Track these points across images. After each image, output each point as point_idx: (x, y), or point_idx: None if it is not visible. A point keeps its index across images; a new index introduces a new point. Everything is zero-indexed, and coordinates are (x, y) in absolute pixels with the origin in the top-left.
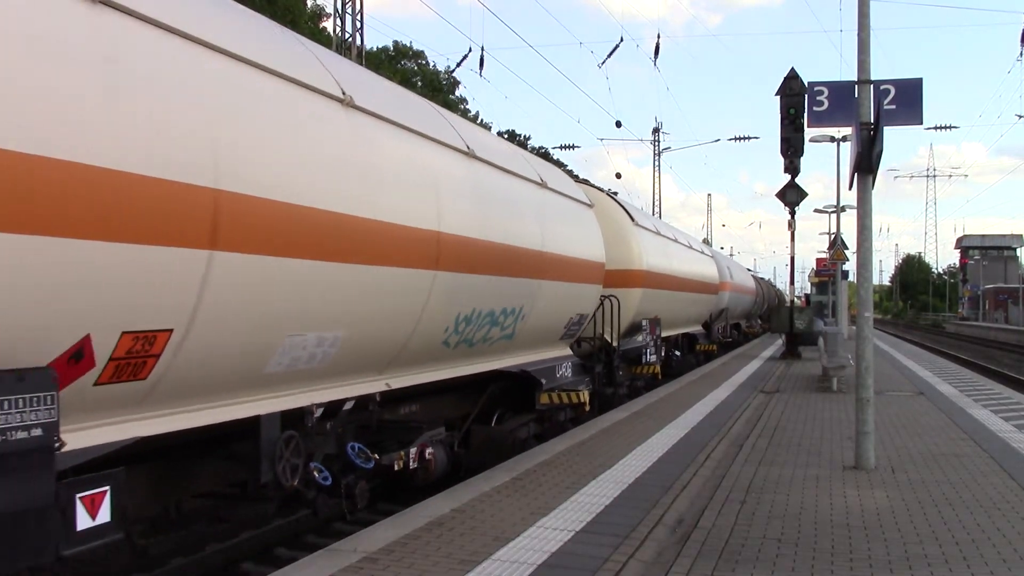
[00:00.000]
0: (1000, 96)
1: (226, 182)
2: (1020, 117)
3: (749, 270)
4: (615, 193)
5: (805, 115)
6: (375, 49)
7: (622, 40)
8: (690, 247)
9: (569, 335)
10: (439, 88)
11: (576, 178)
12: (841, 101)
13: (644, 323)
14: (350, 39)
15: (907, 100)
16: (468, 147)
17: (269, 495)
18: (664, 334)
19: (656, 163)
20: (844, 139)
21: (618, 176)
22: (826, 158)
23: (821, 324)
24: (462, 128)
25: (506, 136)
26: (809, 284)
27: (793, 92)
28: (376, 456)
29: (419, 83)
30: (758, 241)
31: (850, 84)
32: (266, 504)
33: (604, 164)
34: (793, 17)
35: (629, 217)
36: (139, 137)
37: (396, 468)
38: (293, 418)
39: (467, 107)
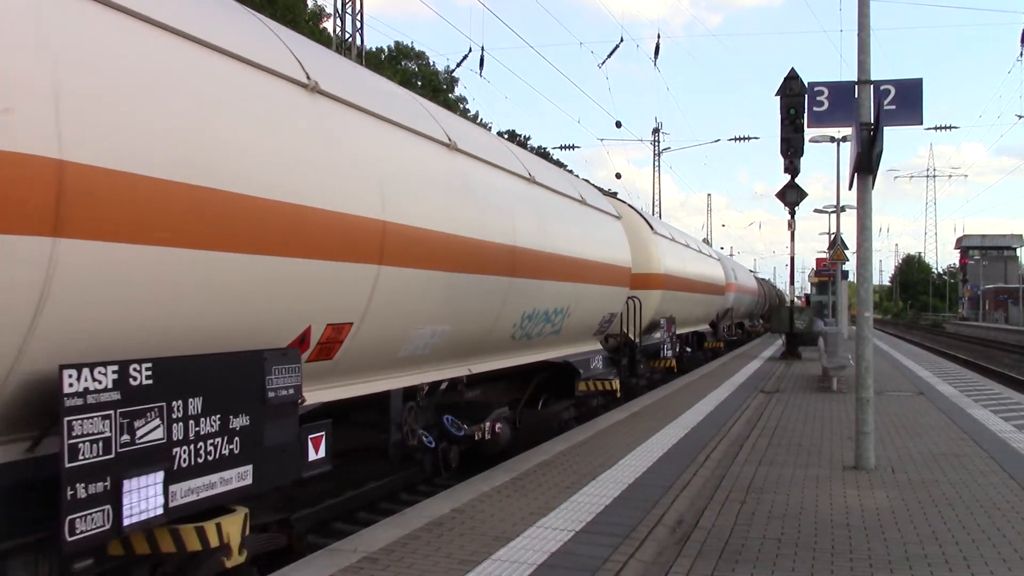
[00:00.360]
0: (1000, 96)
1: (389, 213)
2: (1020, 117)
3: (751, 271)
4: (615, 194)
5: (805, 115)
6: (375, 49)
7: (622, 40)
8: (700, 251)
9: (601, 331)
10: (439, 88)
11: (602, 191)
12: (841, 101)
13: (662, 321)
14: (350, 39)
15: (907, 100)
16: (529, 174)
17: (392, 452)
18: (678, 332)
19: (656, 163)
20: (844, 139)
21: (618, 176)
22: (826, 158)
23: (821, 324)
24: (523, 157)
25: (506, 136)
26: (809, 284)
27: (793, 92)
28: (465, 427)
29: (419, 83)
30: (758, 241)
31: (850, 84)
32: (389, 461)
33: (604, 164)
34: (793, 17)
35: (649, 226)
36: (347, 187)
37: (476, 438)
38: (407, 394)
39: (467, 107)
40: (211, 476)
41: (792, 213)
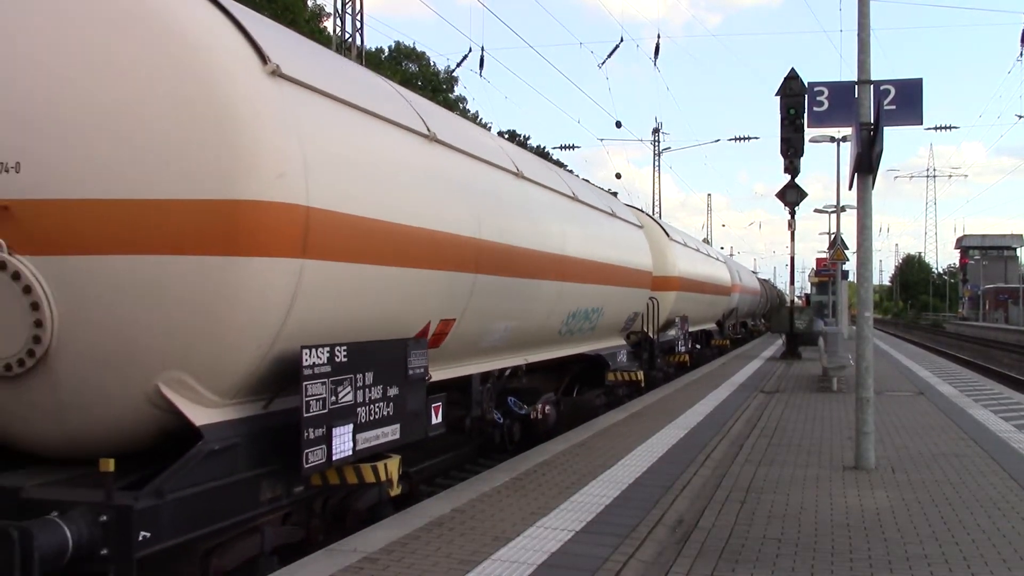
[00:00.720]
0: (1000, 96)
1: (484, 234)
2: (1020, 117)
3: (754, 272)
4: (615, 193)
5: (805, 115)
6: (374, 49)
7: (622, 40)
8: (708, 255)
9: (625, 328)
10: (439, 88)
11: (603, 191)
12: (841, 101)
13: (677, 320)
14: (350, 39)
15: (907, 100)
16: (573, 193)
17: (471, 426)
18: (690, 330)
19: (656, 163)
20: (844, 139)
21: (618, 176)
22: (826, 158)
23: (821, 324)
24: (567, 178)
25: (507, 136)
26: (809, 284)
27: (793, 92)
28: (524, 407)
29: (420, 84)
30: (758, 241)
31: (850, 84)
32: (467, 434)
33: (604, 164)
34: (792, 17)
35: (666, 234)
36: (457, 213)
37: (532, 417)
38: (483, 378)
39: (467, 107)
40: (377, 430)
41: (792, 213)
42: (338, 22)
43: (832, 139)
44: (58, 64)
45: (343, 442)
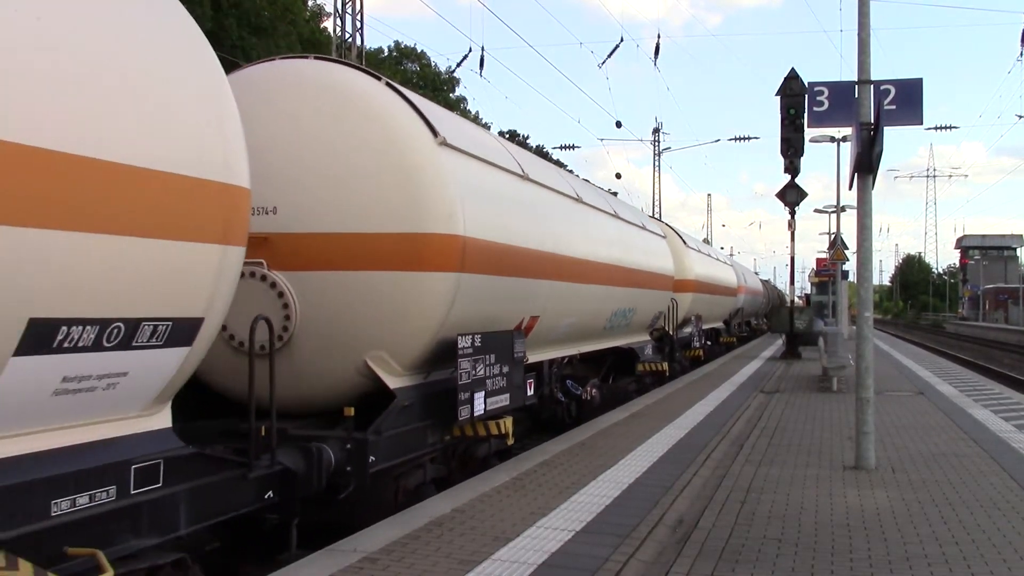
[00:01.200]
0: (1000, 96)
1: (559, 248)
2: (1020, 117)
3: (756, 274)
4: (615, 193)
5: (805, 115)
6: (373, 49)
7: (622, 40)
8: (717, 259)
9: (651, 326)
10: (439, 88)
11: (604, 190)
12: (841, 101)
13: (692, 319)
14: (350, 39)
15: (907, 100)
16: (615, 211)
17: (539, 404)
18: (705, 327)
19: (656, 163)
20: (844, 139)
21: (618, 176)
22: (826, 158)
23: (821, 324)
24: (609, 199)
25: (507, 136)
26: (809, 284)
27: (793, 92)
28: (579, 388)
29: (421, 84)
30: (758, 241)
31: (850, 84)
32: (539, 408)
33: (604, 164)
34: (792, 17)
35: (683, 242)
36: (542, 231)
37: (584, 397)
38: (550, 364)
39: (467, 107)
40: (497, 396)
41: (792, 213)
42: (338, 22)
43: (832, 139)
44: (299, 140)
45: (479, 403)
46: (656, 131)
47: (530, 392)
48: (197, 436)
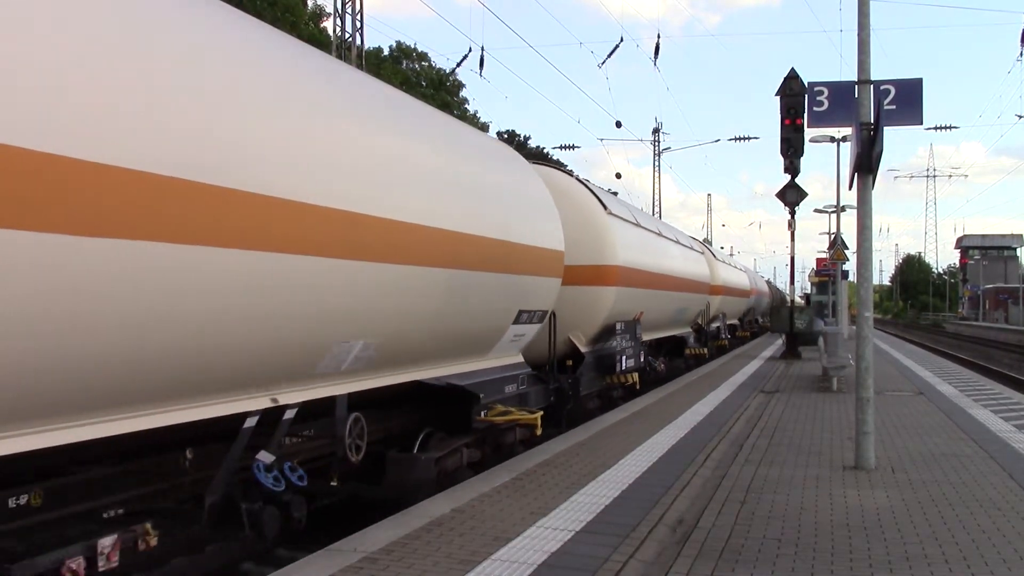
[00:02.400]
0: (1000, 96)
1: (653, 268)
2: (1020, 117)
3: (763, 277)
4: (615, 193)
5: (805, 115)
6: (373, 48)
7: (622, 40)
8: (735, 267)
9: (692, 320)
10: (442, 88)
11: (612, 193)
12: (841, 101)
13: (720, 315)
14: (350, 39)
15: (907, 100)
16: (677, 239)
17: (641, 368)
18: (728, 322)
19: (656, 163)
20: (844, 139)
21: (618, 176)
22: (826, 158)
23: (821, 324)
24: (675, 231)
25: (506, 136)
26: (809, 284)
27: (793, 92)
28: (657, 361)
29: (422, 84)
30: (758, 241)
31: (850, 84)
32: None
33: (604, 164)
34: (791, 17)
35: (714, 256)
36: (625, 254)
37: (659, 368)
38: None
39: (467, 106)
40: (631, 361)
41: (792, 213)
42: (338, 22)
43: (832, 139)
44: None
45: (624, 364)
46: (656, 131)
47: (642, 360)
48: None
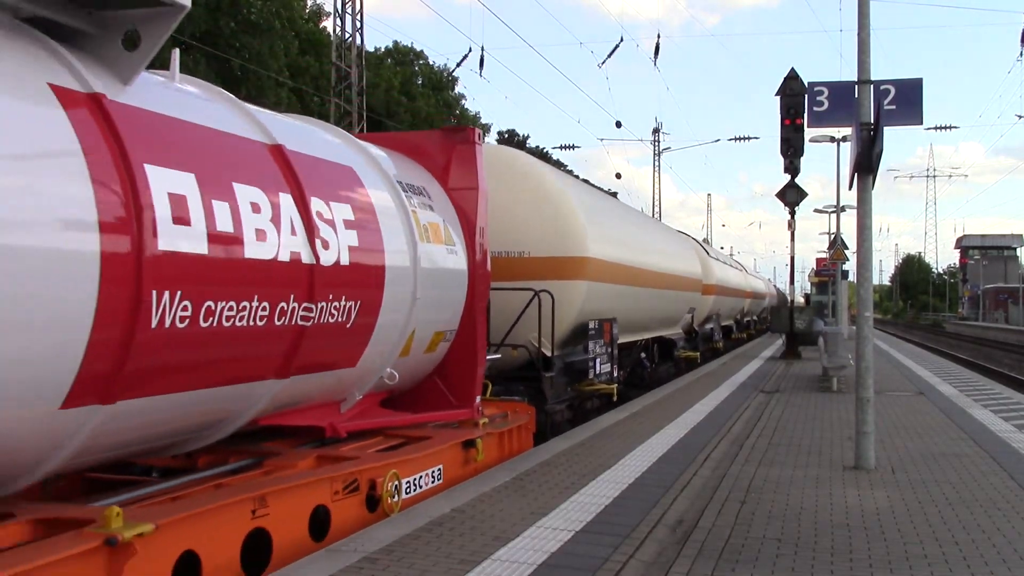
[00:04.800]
0: (1000, 96)
1: (715, 279)
2: (1020, 117)
3: (768, 279)
4: (615, 194)
5: (805, 115)
6: (373, 49)
7: (622, 40)
8: (732, 266)
9: (749, 317)
10: (441, 87)
11: (603, 190)
12: (841, 101)
13: (715, 316)
14: (350, 39)
15: (907, 100)
16: (740, 265)
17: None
18: (723, 323)
19: (656, 163)
20: (844, 139)
21: (618, 176)
22: (826, 158)
23: (821, 324)
24: (726, 257)
25: (506, 135)
26: (809, 284)
27: (793, 92)
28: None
29: (420, 83)
30: (758, 241)
31: (850, 84)
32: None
33: (604, 164)
34: (789, 18)
35: (743, 269)
36: (720, 275)
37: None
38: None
39: (466, 106)
40: (605, 367)
41: (792, 213)
42: (338, 22)
43: (832, 139)
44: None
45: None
46: (656, 131)
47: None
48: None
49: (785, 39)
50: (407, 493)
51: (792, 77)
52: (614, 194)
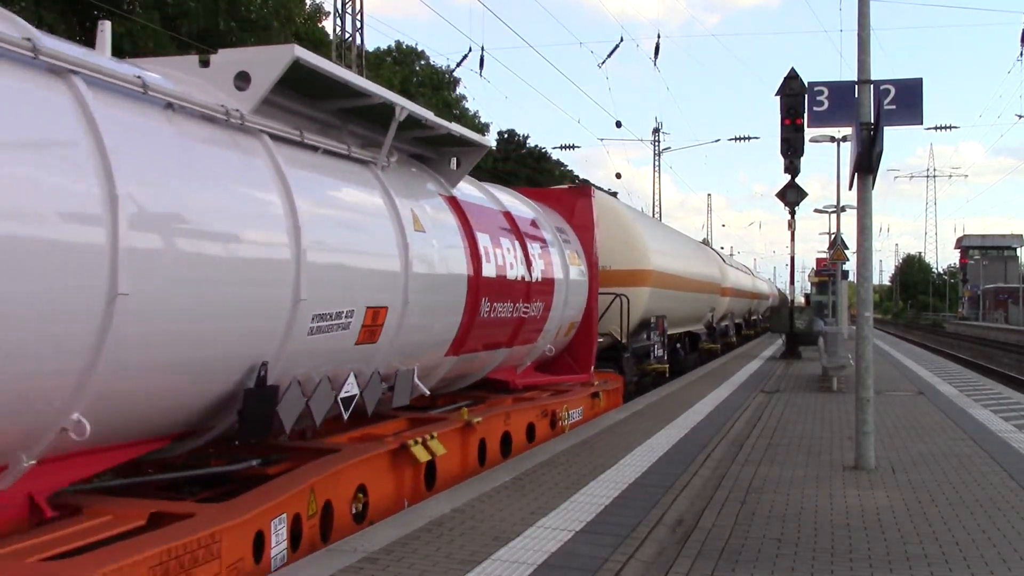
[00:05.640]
0: (1000, 96)
1: (729, 283)
2: (1020, 117)
3: (769, 280)
4: (615, 193)
5: (805, 115)
6: (373, 49)
7: (622, 40)
8: (742, 271)
9: (753, 316)
10: (440, 86)
11: (603, 189)
12: (841, 101)
13: (729, 315)
14: (350, 39)
15: (907, 100)
16: (723, 261)
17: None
18: (735, 321)
19: (656, 163)
20: (844, 139)
21: (618, 176)
22: (826, 158)
23: (821, 324)
24: (740, 266)
25: (506, 135)
26: (809, 284)
27: (793, 92)
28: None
29: (417, 82)
30: (758, 241)
31: (850, 84)
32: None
33: (604, 164)
34: (789, 18)
35: (752, 273)
36: (735, 278)
37: (683, 354)
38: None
39: (466, 106)
40: (660, 352)
41: (792, 213)
42: (338, 22)
43: (832, 139)
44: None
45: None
46: (656, 131)
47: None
48: None
49: (785, 39)
50: (568, 420)
51: (792, 77)
52: (614, 194)
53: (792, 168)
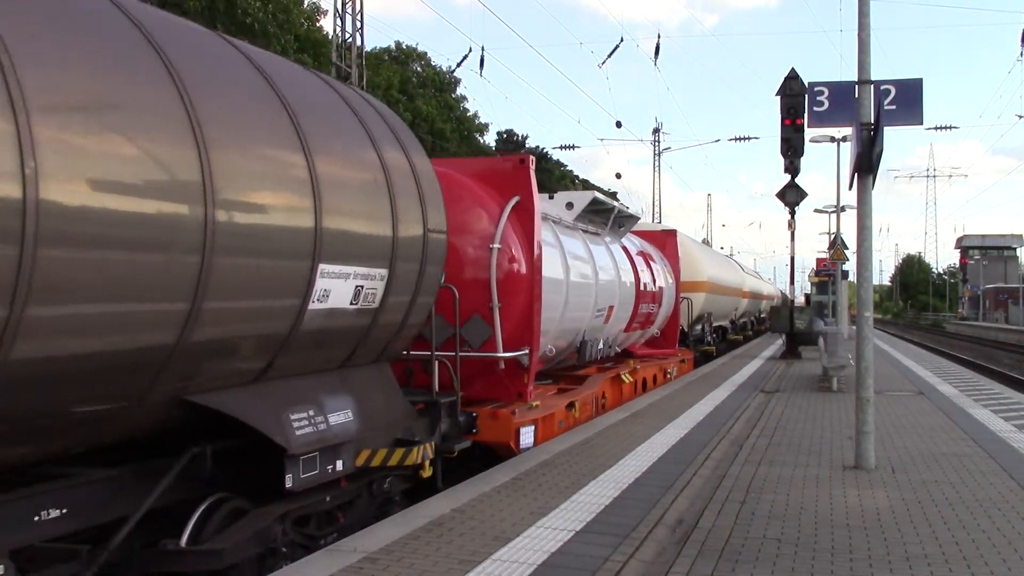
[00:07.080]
0: (1000, 96)
1: (748, 288)
2: (1020, 117)
3: (769, 280)
4: (615, 193)
5: (805, 115)
6: (373, 49)
7: (622, 40)
8: (756, 277)
9: (758, 316)
10: (443, 88)
11: (602, 190)
12: (841, 101)
13: (747, 313)
14: (350, 39)
15: (907, 100)
16: (754, 271)
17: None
18: (750, 319)
19: (656, 163)
20: (844, 139)
21: (618, 176)
22: (826, 158)
23: (821, 324)
24: (744, 270)
25: (505, 135)
26: (809, 284)
27: (793, 92)
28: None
29: (416, 83)
30: (758, 241)
31: (850, 84)
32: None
33: (604, 164)
34: (789, 18)
35: (760, 278)
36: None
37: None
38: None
39: (466, 106)
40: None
41: (792, 213)
42: (338, 22)
43: (832, 139)
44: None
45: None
46: (656, 131)
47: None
48: None
49: (785, 39)
50: (673, 374)
51: (792, 77)
52: (614, 194)
53: (792, 168)
